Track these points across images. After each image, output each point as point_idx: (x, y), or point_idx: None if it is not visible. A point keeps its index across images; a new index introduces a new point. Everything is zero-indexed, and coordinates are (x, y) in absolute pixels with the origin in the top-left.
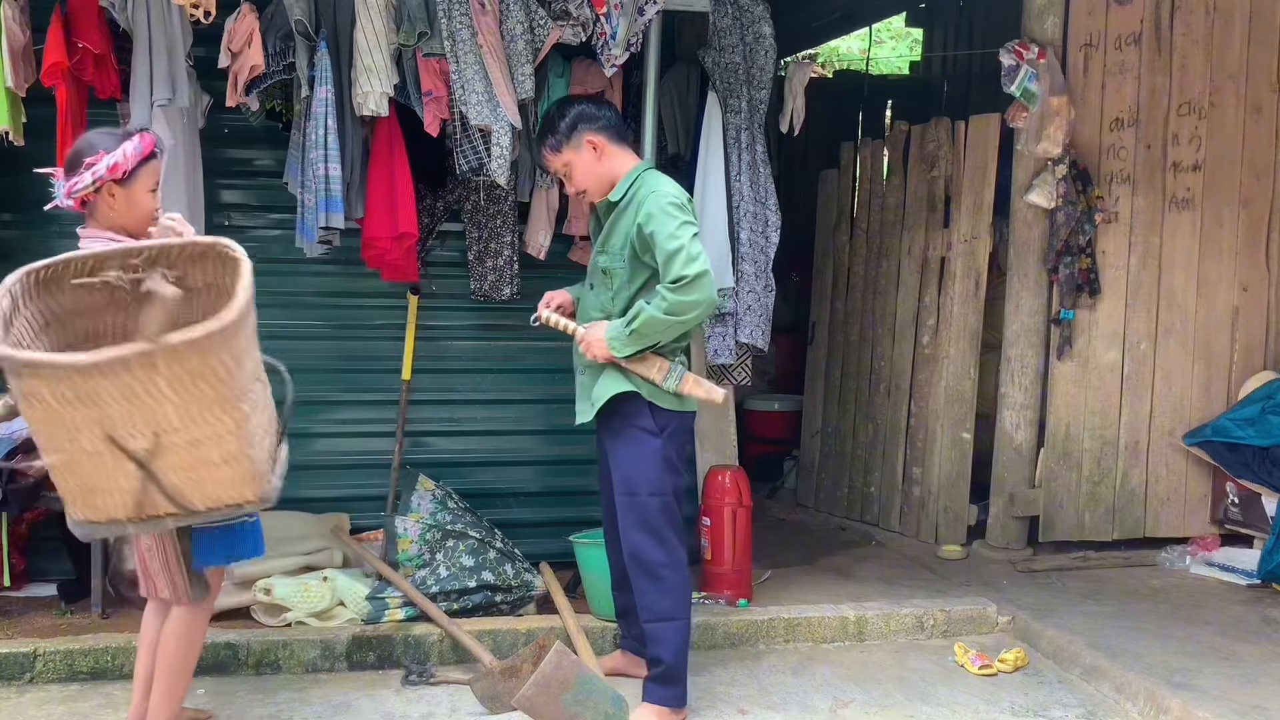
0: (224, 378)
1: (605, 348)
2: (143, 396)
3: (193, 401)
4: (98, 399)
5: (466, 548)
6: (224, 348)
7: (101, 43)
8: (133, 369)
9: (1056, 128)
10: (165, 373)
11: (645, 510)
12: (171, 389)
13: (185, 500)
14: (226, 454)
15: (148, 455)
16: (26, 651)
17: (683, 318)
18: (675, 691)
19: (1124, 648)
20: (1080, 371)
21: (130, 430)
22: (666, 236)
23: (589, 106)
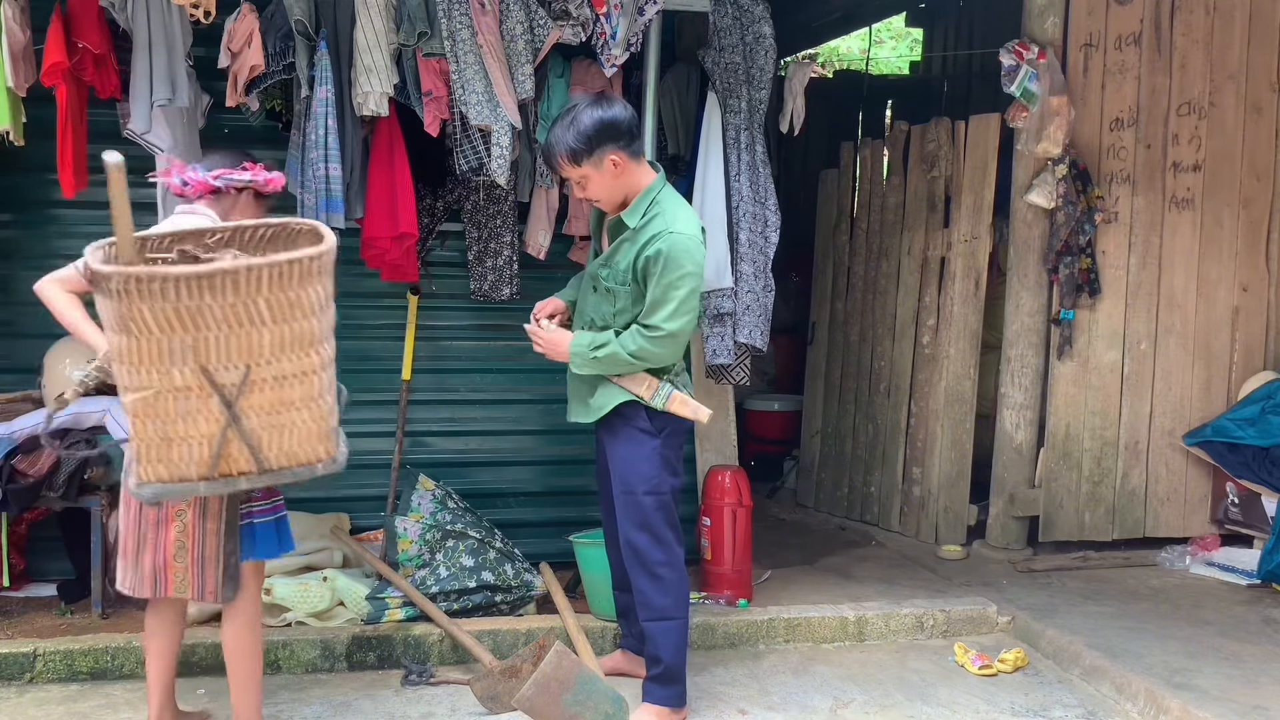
0: (316, 311)
1: (565, 355)
2: (243, 320)
3: (288, 330)
4: (201, 320)
5: (466, 548)
6: (320, 278)
7: (101, 43)
8: (240, 287)
9: (1056, 128)
10: (267, 295)
11: (643, 509)
12: (270, 314)
13: (262, 453)
14: (309, 395)
15: (235, 392)
16: (26, 651)
17: (643, 363)
18: (675, 691)
19: (1124, 648)
20: (1080, 371)
21: (224, 360)
22: (668, 284)
23: (613, 116)
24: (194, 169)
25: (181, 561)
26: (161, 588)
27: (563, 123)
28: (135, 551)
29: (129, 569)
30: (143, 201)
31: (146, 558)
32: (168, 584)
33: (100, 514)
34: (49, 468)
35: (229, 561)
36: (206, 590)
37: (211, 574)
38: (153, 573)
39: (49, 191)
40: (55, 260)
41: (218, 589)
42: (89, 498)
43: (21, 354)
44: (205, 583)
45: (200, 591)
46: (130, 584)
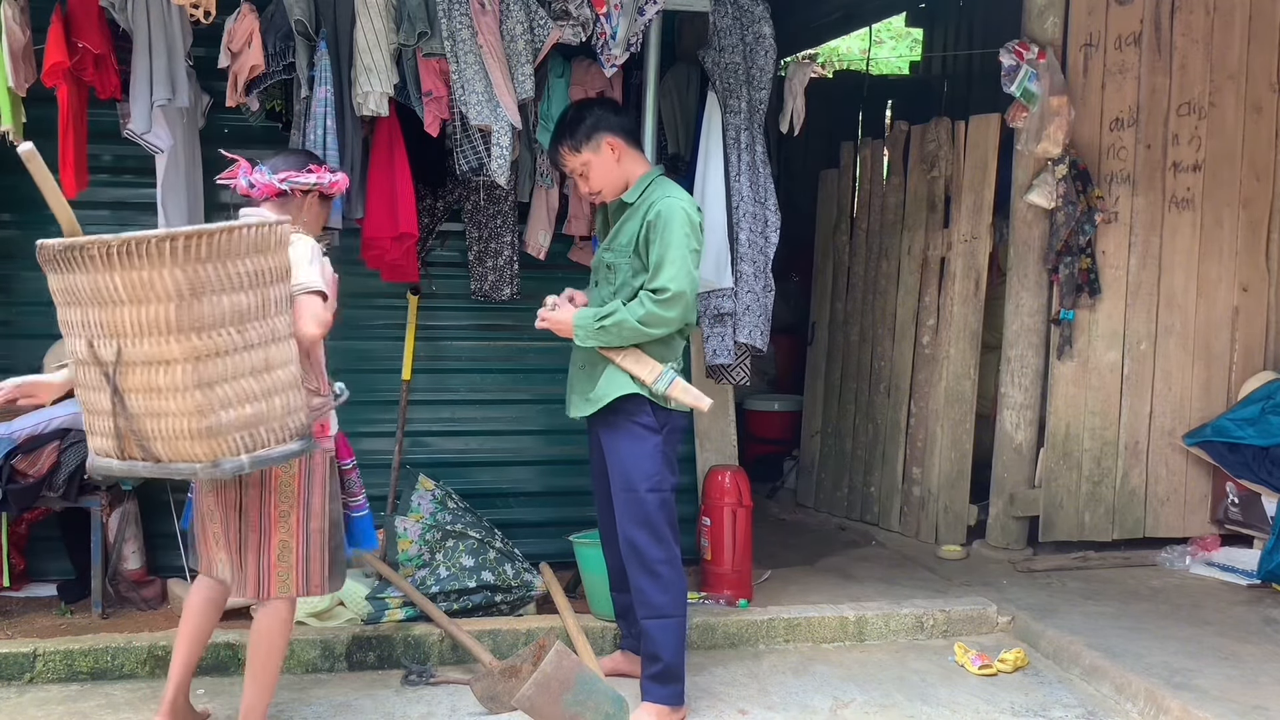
0: (173, 297)
1: (569, 331)
2: (105, 298)
3: (144, 312)
4: (77, 294)
5: (466, 548)
6: (174, 263)
7: (101, 43)
8: (95, 262)
9: (1056, 128)
10: (119, 272)
11: (644, 506)
12: (126, 293)
13: (148, 441)
14: (174, 385)
15: (113, 370)
16: (26, 651)
17: (651, 330)
18: (674, 690)
19: (1124, 648)
20: (1080, 371)
21: (101, 334)
22: (668, 244)
23: (608, 111)
24: (260, 171)
25: (285, 562)
26: (265, 589)
27: (561, 120)
28: (240, 553)
29: (235, 570)
30: (143, 201)
31: (251, 561)
32: (271, 586)
33: (100, 514)
34: (49, 468)
35: (335, 555)
36: (312, 585)
37: (317, 569)
38: (257, 576)
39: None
40: None
41: (324, 581)
42: (89, 498)
43: (21, 354)
44: (310, 578)
45: (305, 587)
46: (236, 586)
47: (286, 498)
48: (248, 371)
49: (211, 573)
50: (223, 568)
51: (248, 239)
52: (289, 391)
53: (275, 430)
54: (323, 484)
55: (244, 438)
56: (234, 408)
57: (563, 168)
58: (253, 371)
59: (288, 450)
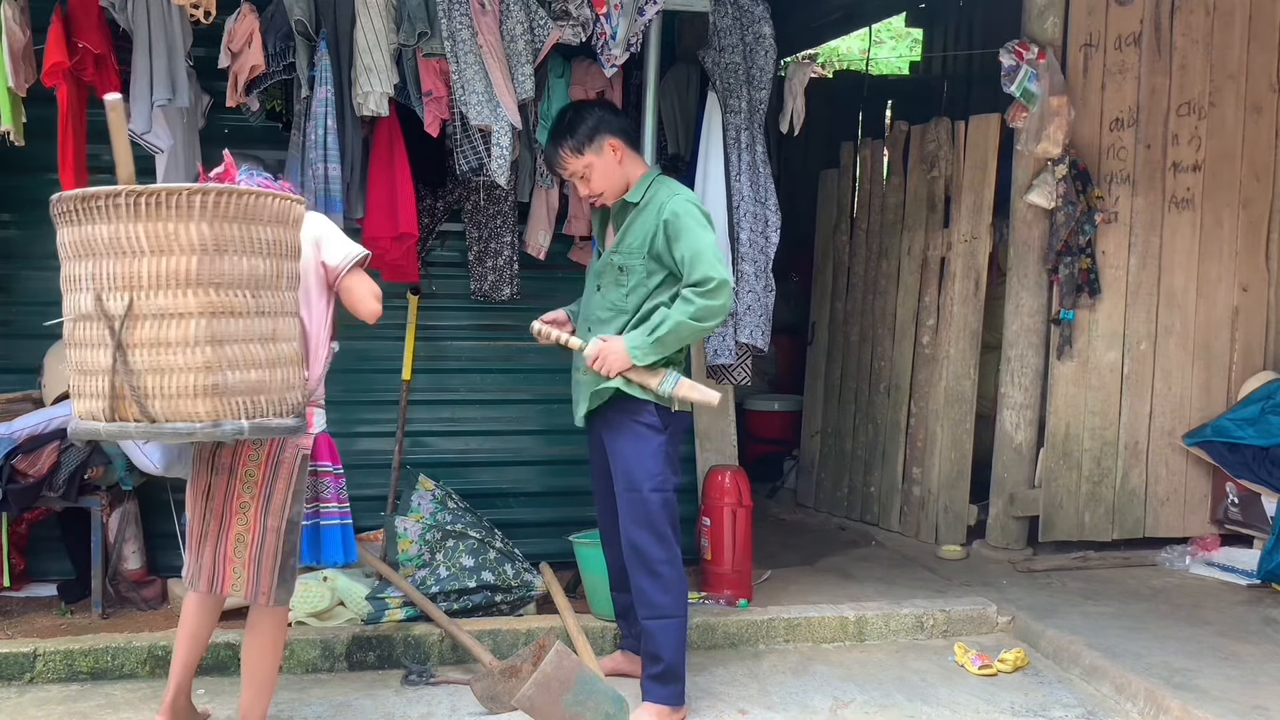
0: (198, 250)
1: (625, 359)
2: (125, 248)
3: (165, 264)
4: (94, 245)
5: (466, 548)
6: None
7: (101, 43)
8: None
9: (1056, 128)
10: (146, 224)
11: (647, 506)
12: (148, 243)
13: (146, 398)
14: (184, 339)
15: (120, 324)
16: (26, 651)
17: (706, 323)
18: (674, 690)
19: (1124, 648)
20: (1080, 371)
21: (112, 288)
22: (694, 237)
23: (607, 112)
24: (252, 174)
25: (240, 557)
26: (219, 584)
27: (559, 124)
28: (199, 541)
29: (191, 559)
30: None
31: (208, 550)
32: (225, 580)
33: (100, 514)
34: (49, 468)
35: (286, 563)
36: (260, 591)
37: (267, 574)
38: (211, 567)
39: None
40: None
41: (271, 591)
42: (89, 498)
43: (21, 354)
44: (260, 582)
45: (254, 592)
46: (190, 576)
47: (249, 488)
48: (256, 337)
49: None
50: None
51: (271, 207)
52: (290, 367)
53: (274, 402)
54: (288, 480)
55: (246, 403)
56: (240, 370)
57: (562, 171)
58: (261, 339)
59: (285, 424)
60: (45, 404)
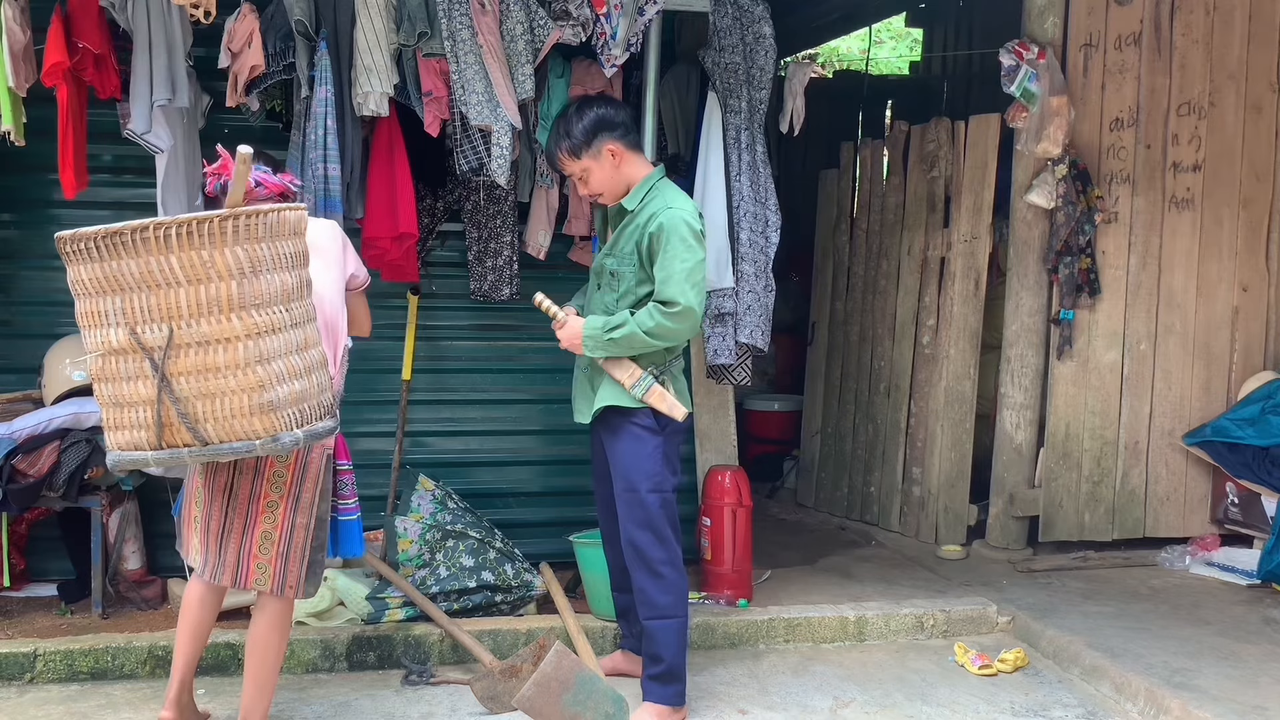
0: (235, 274)
1: (579, 344)
2: (159, 280)
3: (203, 291)
4: (123, 280)
5: (466, 548)
6: (239, 241)
7: (101, 43)
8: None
9: (1056, 128)
10: (179, 253)
11: (646, 507)
12: (184, 273)
13: (198, 423)
14: (233, 362)
15: (162, 354)
16: (26, 651)
17: (660, 341)
18: (675, 690)
19: (1124, 648)
20: (1080, 371)
21: (149, 321)
22: (673, 256)
23: (609, 111)
24: (264, 170)
25: (266, 554)
26: (243, 579)
27: (560, 123)
28: (220, 538)
29: (210, 555)
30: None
31: (231, 547)
32: (248, 575)
33: (100, 514)
34: (49, 468)
35: (315, 557)
36: (288, 584)
37: (295, 568)
38: (236, 563)
39: (49, 191)
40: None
41: (299, 584)
42: (89, 498)
43: (21, 354)
44: (288, 576)
45: (281, 585)
46: (211, 571)
47: (278, 488)
48: (295, 349)
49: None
50: (195, 554)
51: (290, 221)
52: (321, 370)
53: (315, 407)
54: (315, 479)
55: (295, 413)
56: (286, 383)
57: (561, 170)
58: (297, 349)
59: (328, 426)
60: (45, 404)
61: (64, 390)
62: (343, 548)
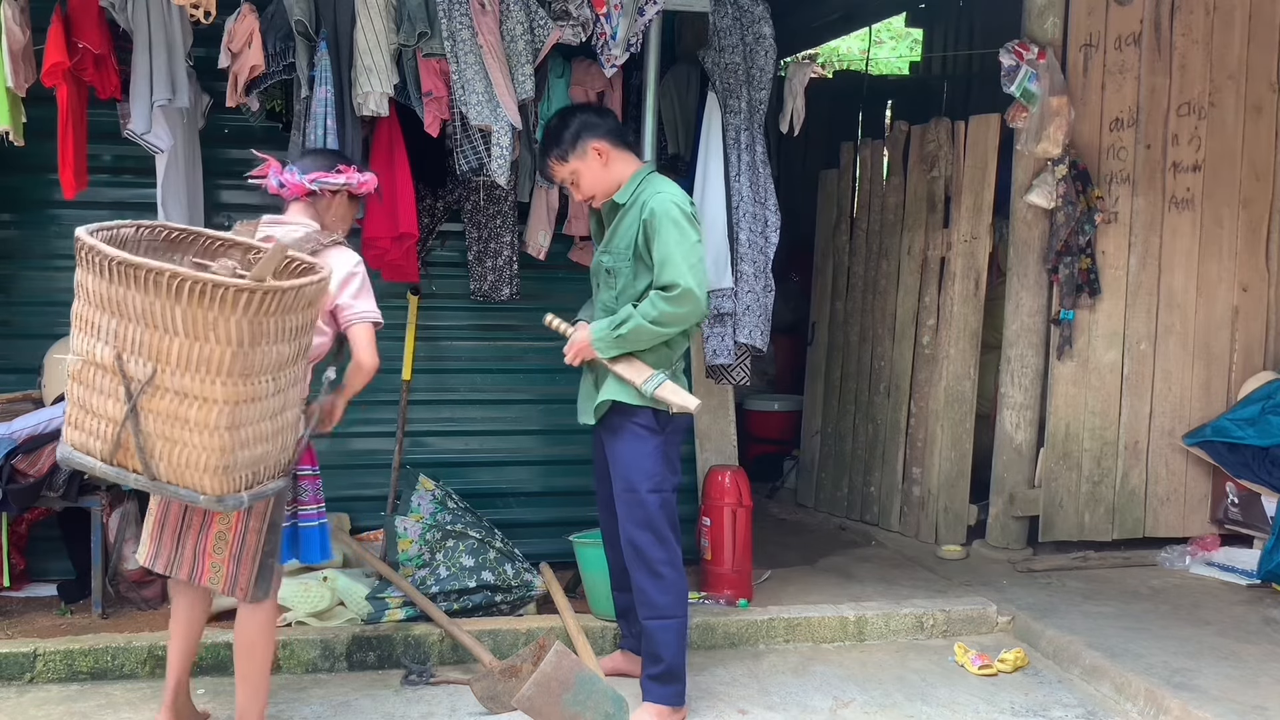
0: (233, 343)
1: (589, 350)
2: (157, 323)
3: (198, 350)
4: (124, 308)
5: (466, 548)
6: (244, 314)
7: (101, 43)
8: (159, 289)
9: (1056, 128)
10: (185, 306)
11: (645, 507)
12: (184, 326)
13: (151, 458)
14: (204, 422)
15: (139, 387)
16: (26, 651)
17: (667, 328)
18: (675, 690)
19: (1124, 648)
20: (1080, 371)
21: (136, 354)
22: (667, 239)
23: (590, 115)
24: (291, 171)
25: (220, 554)
26: (198, 574)
27: (546, 134)
28: (178, 532)
29: (169, 547)
30: (143, 201)
31: (189, 542)
32: (203, 572)
33: (100, 514)
34: (49, 468)
35: (265, 562)
36: (238, 586)
37: (246, 571)
38: (192, 558)
39: (49, 191)
40: (55, 260)
41: (249, 587)
42: (89, 498)
43: (21, 354)
44: (239, 579)
45: (232, 587)
46: (166, 563)
47: None
48: (268, 415)
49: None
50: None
51: (307, 294)
52: (289, 431)
53: (271, 468)
54: None
55: (248, 475)
56: (249, 449)
57: (553, 179)
58: (270, 415)
59: (276, 486)
60: (45, 404)
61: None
62: (302, 554)
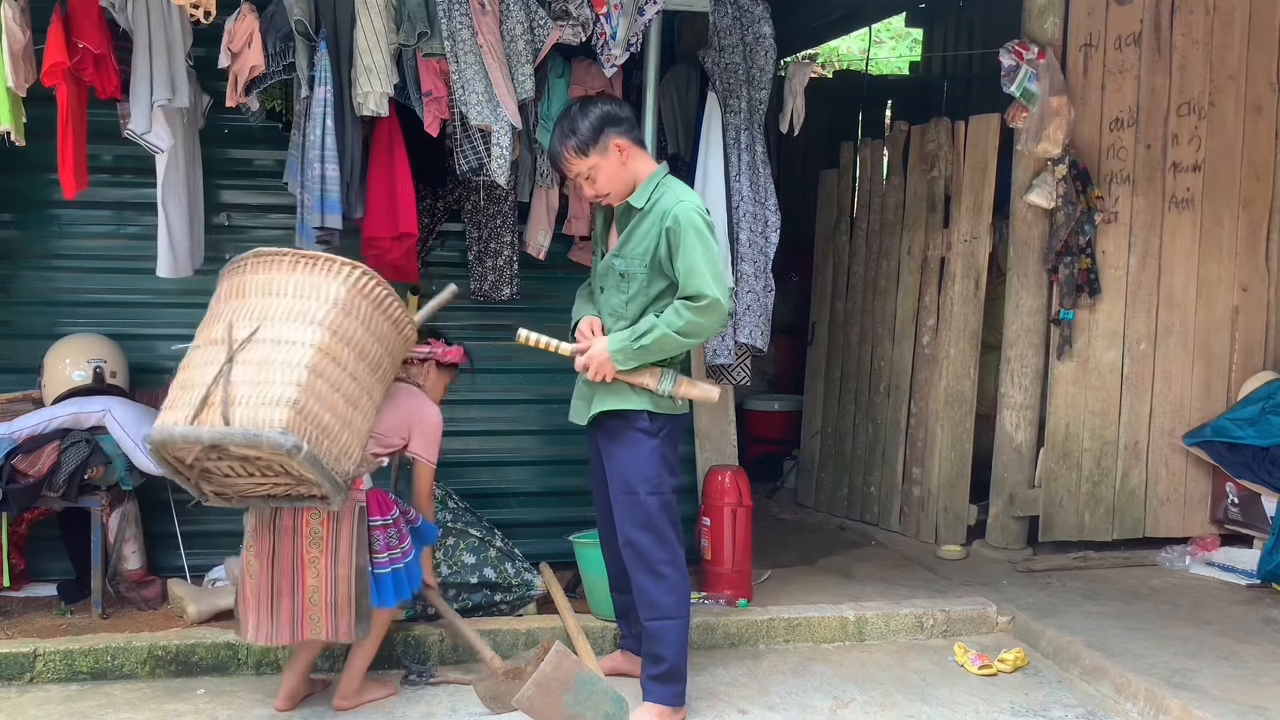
0: (329, 302)
1: (609, 364)
2: (273, 289)
3: (299, 305)
4: (244, 290)
5: (467, 546)
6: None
7: (101, 43)
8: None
9: (1056, 128)
10: (298, 275)
11: (645, 509)
12: (293, 287)
13: (231, 405)
14: (288, 361)
15: (240, 345)
16: (26, 651)
17: (691, 339)
18: (676, 690)
19: (1124, 648)
20: (1080, 371)
21: (246, 317)
22: (692, 250)
23: (613, 107)
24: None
25: (316, 606)
26: (299, 632)
27: (563, 122)
28: (271, 600)
29: (263, 618)
30: (143, 201)
31: (284, 605)
32: (304, 628)
33: (100, 514)
34: (49, 468)
35: (360, 604)
36: (341, 631)
37: (345, 617)
38: (290, 619)
39: (49, 191)
40: (55, 260)
41: (351, 628)
42: (89, 498)
43: (21, 354)
44: (340, 625)
45: (334, 632)
46: (266, 634)
47: (315, 544)
48: (343, 393)
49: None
50: (239, 627)
51: (393, 310)
52: (355, 436)
53: (333, 453)
54: (350, 532)
55: (313, 433)
56: (320, 406)
57: (566, 171)
58: (346, 398)
59: (333, 474)
60: (45, 404)
61: (64, 390)
62: (380, 597)
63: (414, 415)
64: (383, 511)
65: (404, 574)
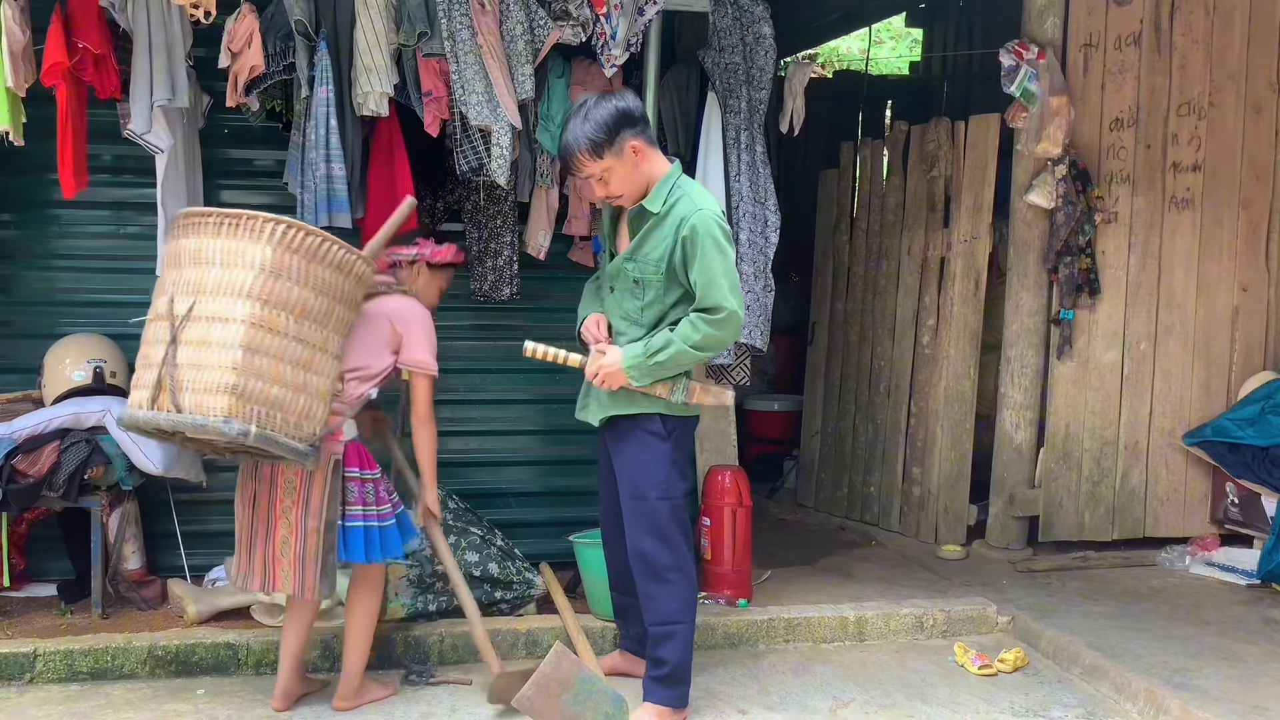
0: (256, 268)
1: (623, 377)
2: (202, 258)
3: (228, 276)
4: (179, 259)
5: (469, 543)
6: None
7: (101, 43)
8: (207, 228)
9: (1056, 128)
10: (223, 239)
11: (654, 514)
12: (220, 255)
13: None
14: (225, 341)
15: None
16: (26, 651)
17: (707, 352)
18: (678, 693)
19: (1124, 648)
20: (1080, 371)
21: (183, 292)
22: (711, 261)
23: (628, 105)
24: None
25: (286, 557)
26: (270, 582)
27: (577, 119)
28: (249, 546)
29: (242, 564)
30: (143, 201)
31: (259, 553)
32: (275, 579)
33: (100, 514)
34: (49, 468)
35: (326, 560)
36: (306, 587)
37: (311, 572)
38: (263, 568)
39: (49, 191)
40: (55, 260)
41: (315, 585)
42: (89, 498)
43: (21, 354)
44: (305, 579)
45: (301, 588)
46: (242, 579)
47: (289, 494)
48: (289, 360)
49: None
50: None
51: (333, 255)
52: (315, 399)
53: (289, 423)
54: (322, 484)
55: (261, 412)
56: (264, 382)
57: (578, 173)
58: (293, 362)
59: (292, 445)
60: (45, 404)
61: (64, 390)
62: (346, 553)
63: (396, 323)
64: (363, 466)
65: (377, 534)
